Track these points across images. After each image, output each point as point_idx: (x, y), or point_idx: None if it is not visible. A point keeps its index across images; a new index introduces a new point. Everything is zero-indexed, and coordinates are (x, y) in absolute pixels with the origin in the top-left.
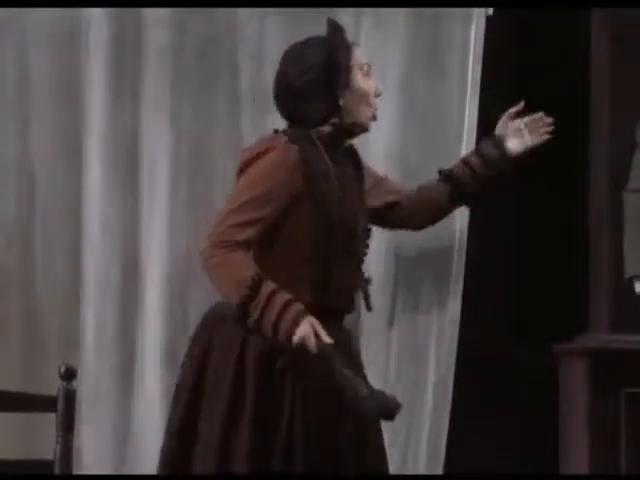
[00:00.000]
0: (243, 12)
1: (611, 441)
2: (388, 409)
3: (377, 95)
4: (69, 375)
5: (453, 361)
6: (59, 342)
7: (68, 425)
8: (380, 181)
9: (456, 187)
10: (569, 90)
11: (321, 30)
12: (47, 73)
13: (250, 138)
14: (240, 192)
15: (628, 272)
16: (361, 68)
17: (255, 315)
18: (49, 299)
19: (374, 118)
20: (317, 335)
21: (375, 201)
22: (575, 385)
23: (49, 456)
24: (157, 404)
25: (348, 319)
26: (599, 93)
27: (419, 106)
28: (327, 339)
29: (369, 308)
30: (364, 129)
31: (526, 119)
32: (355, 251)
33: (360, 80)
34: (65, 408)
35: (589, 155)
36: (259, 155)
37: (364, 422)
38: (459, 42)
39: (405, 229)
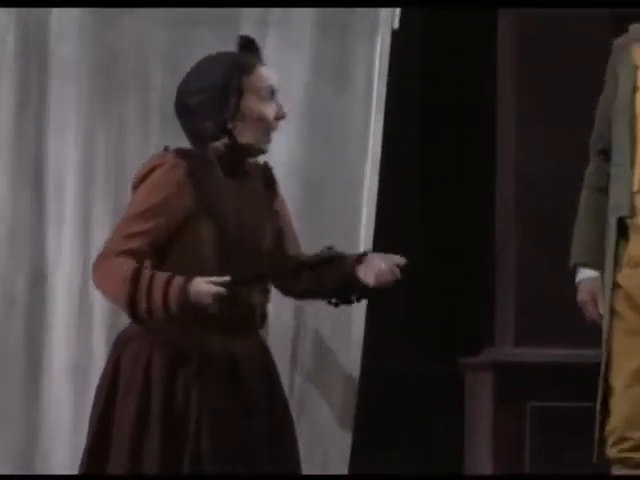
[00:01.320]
0: (153, 24)
1: (515, 454)
2: None
3: (278, 118)
4: None
5: (357, 377)
6: None
7: None
8: (280, 212)
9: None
10: (475, 100)
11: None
12: None
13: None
14: (129, 209)
15: (572, 261)
16: (258, 91)
17: (143, 304)
18: None
19: (268, 140)
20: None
21: None
22: (480, 398)
23: None
24: (65, 412)
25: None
26: (505, 102)
27: (323, 120)
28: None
29: (261, 325)
30: (261, 150)
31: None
32: (258, 268)
33: (254, 104)
34: None
35: (496, 166)
36: (149, 172)
37: (278, 421)
38: (364, 56)
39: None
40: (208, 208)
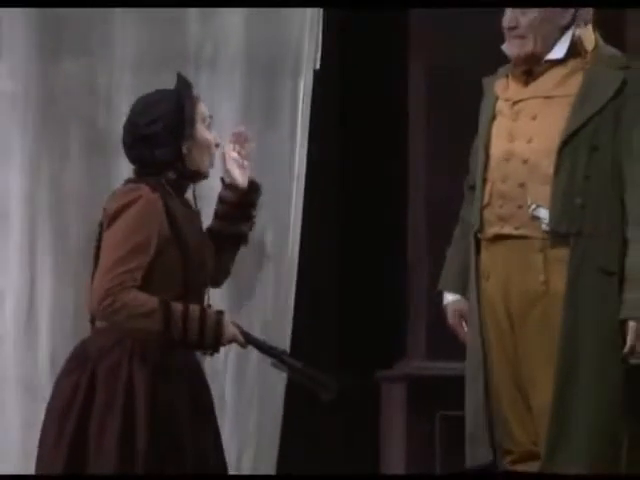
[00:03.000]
0: (97, 63)
1: (426, 459)
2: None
3: (216, 145)
4: None
5: (282, 392)
6: None
7: None
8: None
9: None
10: (389, 128)
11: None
12: None
13: (102, 183)
14: (121, 241)
15: (439, 287)
16: (204, 120)
17: (177, 334)
18: None
19: (212, 165)
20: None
21: None
22: (394, 409)
23: None
24: (15, 430)
25: None
26: (416, 135)
27: (252, 152)
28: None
29: None
30: (204, 176)
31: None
32: (205, 285)
33: (202, 131)
34: None
35: (408, 196)
36: (129, 204)
37: (212, 422)
38: (289, 95)
39: None
40: (177, 237)
